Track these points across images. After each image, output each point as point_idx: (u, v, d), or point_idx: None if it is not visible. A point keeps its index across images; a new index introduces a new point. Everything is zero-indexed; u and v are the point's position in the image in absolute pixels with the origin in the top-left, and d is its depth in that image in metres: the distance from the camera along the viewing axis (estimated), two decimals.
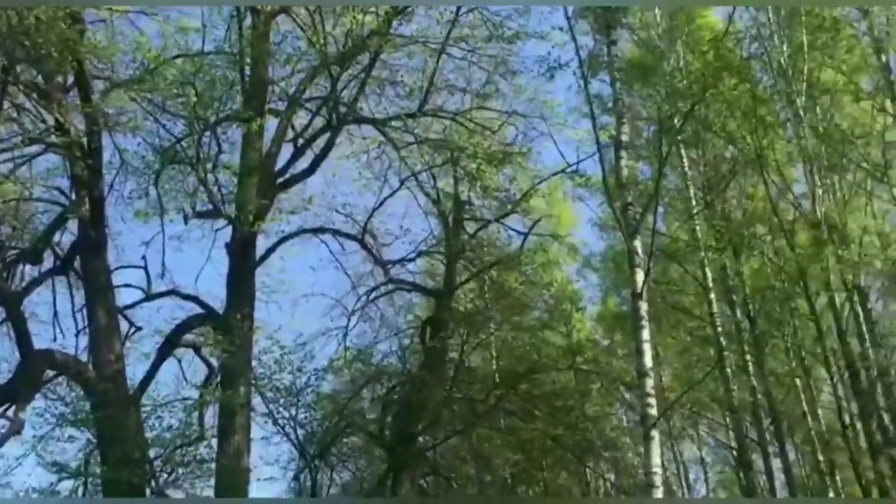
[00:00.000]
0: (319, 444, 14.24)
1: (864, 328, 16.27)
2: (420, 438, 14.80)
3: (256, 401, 13.02)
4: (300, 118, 13.86)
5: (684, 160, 18.71)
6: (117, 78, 12.14)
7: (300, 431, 13.97)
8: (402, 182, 15.32)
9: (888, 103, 14.91)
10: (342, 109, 12.93)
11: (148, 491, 11.09)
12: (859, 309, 16.29)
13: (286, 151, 13.34)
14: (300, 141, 13.46)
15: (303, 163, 13.29)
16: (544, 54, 12.71)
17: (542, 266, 17.70)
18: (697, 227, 18.18)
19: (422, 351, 15.35)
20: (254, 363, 12.52)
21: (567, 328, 23.43)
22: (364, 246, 15.26)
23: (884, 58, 14.92)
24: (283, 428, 13.74)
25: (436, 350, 14.80)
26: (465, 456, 18.16)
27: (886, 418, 15.97)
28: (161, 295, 13.20)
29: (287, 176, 13.17)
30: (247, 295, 12.19)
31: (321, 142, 13.19)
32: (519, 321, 17.50)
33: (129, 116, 12.50)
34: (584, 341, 19.36)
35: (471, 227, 16.46)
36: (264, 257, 13.17)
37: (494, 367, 18.74)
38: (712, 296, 17.78)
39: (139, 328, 13.22)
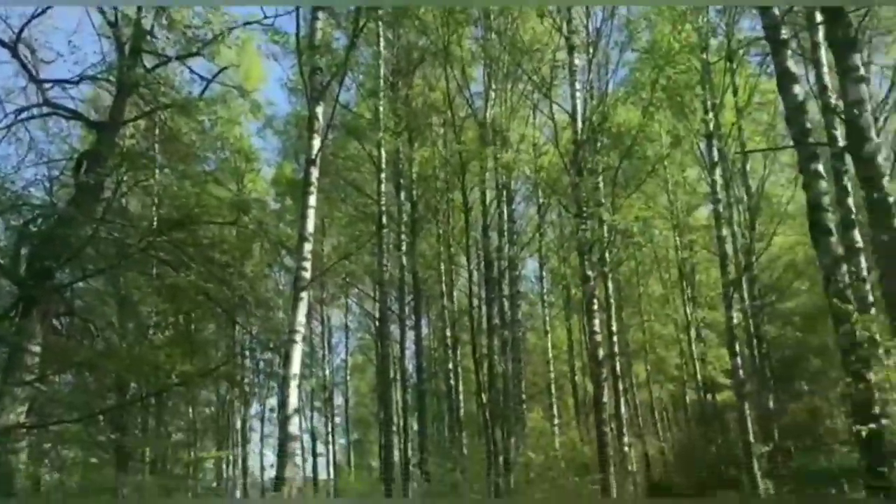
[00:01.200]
0: None
1: (505, 226, 18.37)
2: (58, 276, 13.70)
3: None
4: None
5: (381, 39, 19.03)
6: None
7: None
8: None
9: (565, 25, 16.42)
10: None
11: None
12: (504, 207, 18.32)
13: None
14: None
15: None
16: None
17: (221, 119, 17.04)
18: (381, 108, 18.79)
19: (73, 185, 14.06)
20: None
21: (238, 186, 23.12)
22: (17, 56, 13.31)
23: None
24: None
25: (89, 186, 13.61)
26: (108, 300, 17.30)
27: (506, 304, 18.44)
28: None
29: None
30: None
31: None
32: (186, 169, 16.75)
33: None
34: (253, 201, 19.21)
35: (149, 61, 15.15)
36: None
37: (154, 212, 17.89)
38: (383, 176, 18.72)
39: None
